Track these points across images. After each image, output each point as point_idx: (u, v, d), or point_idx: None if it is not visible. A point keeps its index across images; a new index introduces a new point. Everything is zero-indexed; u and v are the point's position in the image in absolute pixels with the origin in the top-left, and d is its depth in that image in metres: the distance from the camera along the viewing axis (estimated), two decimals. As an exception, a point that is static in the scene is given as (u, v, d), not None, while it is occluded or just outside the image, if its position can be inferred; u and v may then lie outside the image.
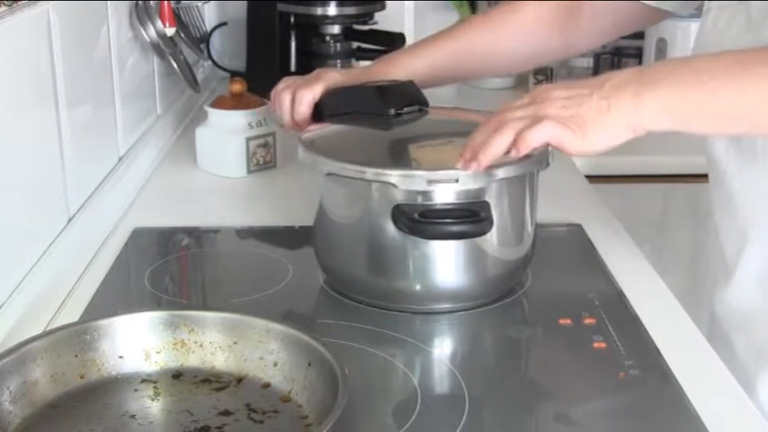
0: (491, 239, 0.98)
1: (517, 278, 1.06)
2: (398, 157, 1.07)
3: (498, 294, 1.03)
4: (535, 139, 0.86)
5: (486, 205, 0.95)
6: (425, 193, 0.95)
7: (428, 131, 1.10)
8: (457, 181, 0.93)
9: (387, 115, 1.07)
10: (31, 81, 1.07)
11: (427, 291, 1.00)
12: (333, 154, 1.00)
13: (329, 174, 0.99)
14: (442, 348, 0.99)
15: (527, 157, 0.90)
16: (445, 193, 0.94)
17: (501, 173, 0.95)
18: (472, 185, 0.94)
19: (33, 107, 1.07)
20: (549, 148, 0.98)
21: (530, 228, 1.03)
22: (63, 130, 1.15)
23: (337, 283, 1.06)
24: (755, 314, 1.02)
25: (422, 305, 1.01)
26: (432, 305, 1.01)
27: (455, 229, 0.95)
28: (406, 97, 1.09)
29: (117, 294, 1.08)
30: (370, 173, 0.96)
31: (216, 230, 1.27)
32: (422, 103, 1.10)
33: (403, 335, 0.97)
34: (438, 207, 0.94)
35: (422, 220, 0.92)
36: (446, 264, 0.99)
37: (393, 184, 0.94)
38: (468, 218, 0.94)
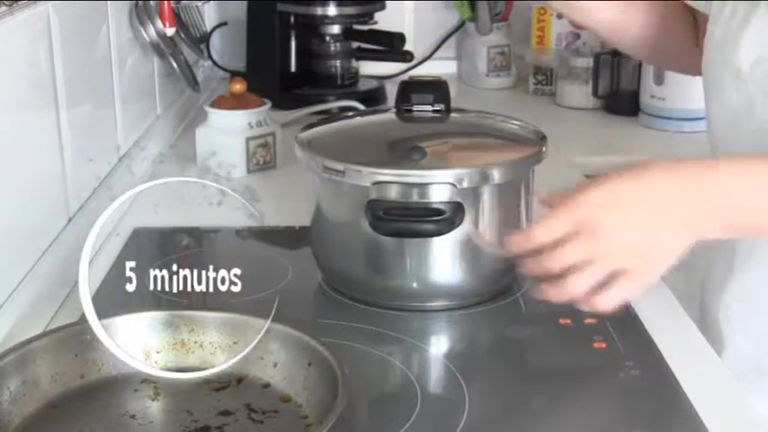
0: (485, 237, 0.99)
1: (513, 275, 1.05)
2: (387, 155, 1.06)
3: (495, 292, 1.03)
4: (612, 304, 0.83)
5: (454, 206, 0.95)
6: (400, 192, 0.95)
7: (433, 132, 1.09)
8: (429, 182, 0.94)
9: (398, 110, 1.08)
10: (31, 81, 1.07)
11: (423, 288, 1.00)
12: (326, 152, 1.00)
13: (320, 172, 0.99)
14: (442, 348, 0.99)
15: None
16: (418, 192, 0.95)
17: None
18: (443, 188, 0.95)
19: (33, 107, 1.07)
20: (543, 149, 1.02)
21: (525, 225, 1.03)
22: (63, 130, 1.14)
23: (335, 283, 1.06)
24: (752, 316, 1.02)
25: (418, 303, 1.01)
26: (428, 302, 1.02)
27: (407, 227, 0.95)
28: (425, 96, 1.08)
29: (117, 294, 1.08)
30: (349, 170, 0.96)
31: (216, 230, 1.27)
32: (441, 104, 1.09)
33: (402, 334, 0.97)
34: (405, 205, 0.94)
35: (383, 217, 0.92)
36: (440, 261, 0.99)
37: (366, 181, 0.95)
38: (427, 217, 0.94)
